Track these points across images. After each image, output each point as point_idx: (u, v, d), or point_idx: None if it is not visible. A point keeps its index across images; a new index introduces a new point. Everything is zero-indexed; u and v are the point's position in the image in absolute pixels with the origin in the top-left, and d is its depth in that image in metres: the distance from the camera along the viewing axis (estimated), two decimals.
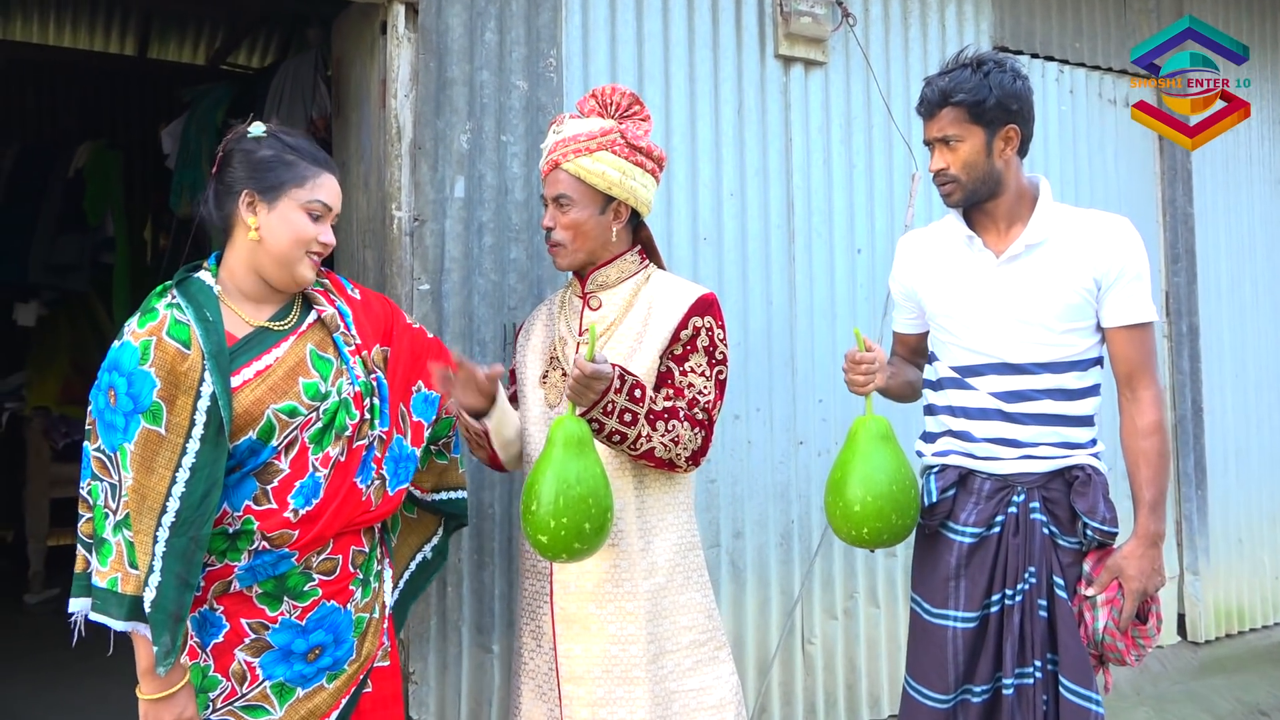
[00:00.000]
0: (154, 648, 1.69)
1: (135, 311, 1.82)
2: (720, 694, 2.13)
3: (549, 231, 2.15)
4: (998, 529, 2.16)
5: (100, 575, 1.73)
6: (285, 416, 1.79)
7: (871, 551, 2.70)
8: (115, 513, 1.73)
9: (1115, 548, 2.11)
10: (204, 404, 1.73)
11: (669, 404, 2.05)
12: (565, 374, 2.14)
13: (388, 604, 1.99)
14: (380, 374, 1.99)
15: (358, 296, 2.05)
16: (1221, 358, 4.42)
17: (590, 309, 2.19)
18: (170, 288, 1.82)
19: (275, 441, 1.79)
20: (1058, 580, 2.11)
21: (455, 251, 2.63)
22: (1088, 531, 2.11)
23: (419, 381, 2.10)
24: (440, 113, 2.62)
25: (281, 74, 3.72)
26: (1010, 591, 2.13)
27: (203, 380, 1.73)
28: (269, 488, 1.80)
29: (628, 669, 2.05)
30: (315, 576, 1.84)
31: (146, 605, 1.69)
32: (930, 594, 2.23)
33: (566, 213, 2.11)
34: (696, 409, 2.08)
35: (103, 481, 1.75)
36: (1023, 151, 2.15)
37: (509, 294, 2.70)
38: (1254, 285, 4.58)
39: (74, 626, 1.79)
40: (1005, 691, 2.12)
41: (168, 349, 1.73)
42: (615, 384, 1.94)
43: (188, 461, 1.72)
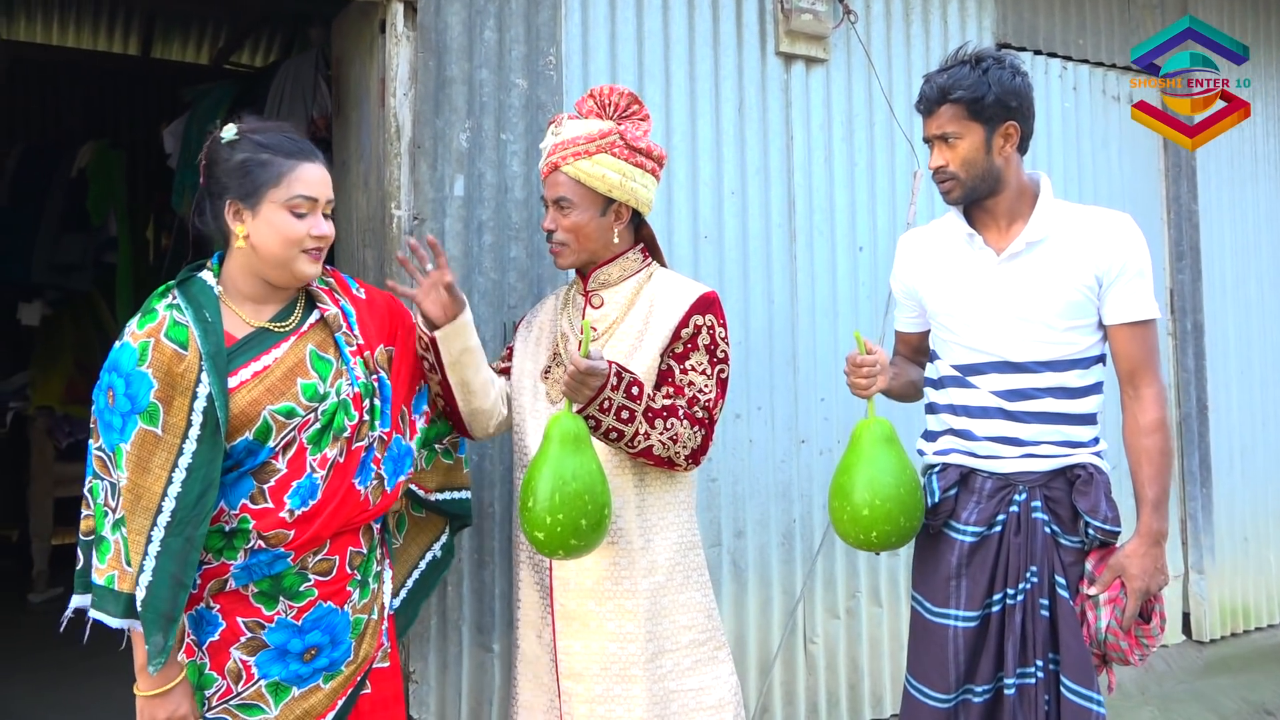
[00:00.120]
0: (146, 645, 1.71)
1: (137, 311, 1.83)
2: (719, 694, 2.12)
3: (550, 234, 2.15)
4: (999, 528, 2.15)
5: (99, 573, 1.75)
6: (282, 417, 1.79)
7: (877, 554, 2.69)
8: (114, 511, 1.74)
9: (1118, 546, 2.10)
10: (200, 405, 1.73)
11: (668, 402, 2.04)
12: None
13: (386, 605, 1.99)
14: (384, 374, 1.98)
15: (363, 296, 2.05)
16: (1226, 355, 4.40)
17: (592, 307, 2.19)
18: (172, 288, 1.83)
19: (272, 442, 1.79)
20: (1059, 580, 2.10)
21: (455, 250, 2.63)
22: (1090, 531, 2.10)
23: (423, 382, 2.09)
24: (439, 111, 2.62)
25: (282, 73, 3.72)
26: (1012, 591, 2.12)
27: (199, 381, 1.74)
28: (266, 487, 1.80)
29: (625, 667, 2.05)
30: (311, 577, 1.84)
31: (138, 604, 1.71)
32: (931, 593, 2.22)
33: (567, 215, 2.11)
34: (696, 407, 2.07)
35: (103, 480, 1.76)
36: (1023, 148, 2.14)
37: (509, 292, 2.69)
38: (1259, 282, 4.56)
39: (84, 625, 1.81)
40: (1007, 691, 2.11)
41: (165, 350, 1.74)
42: (612, 381, 1.94)
43: (184, 462, 1.72)
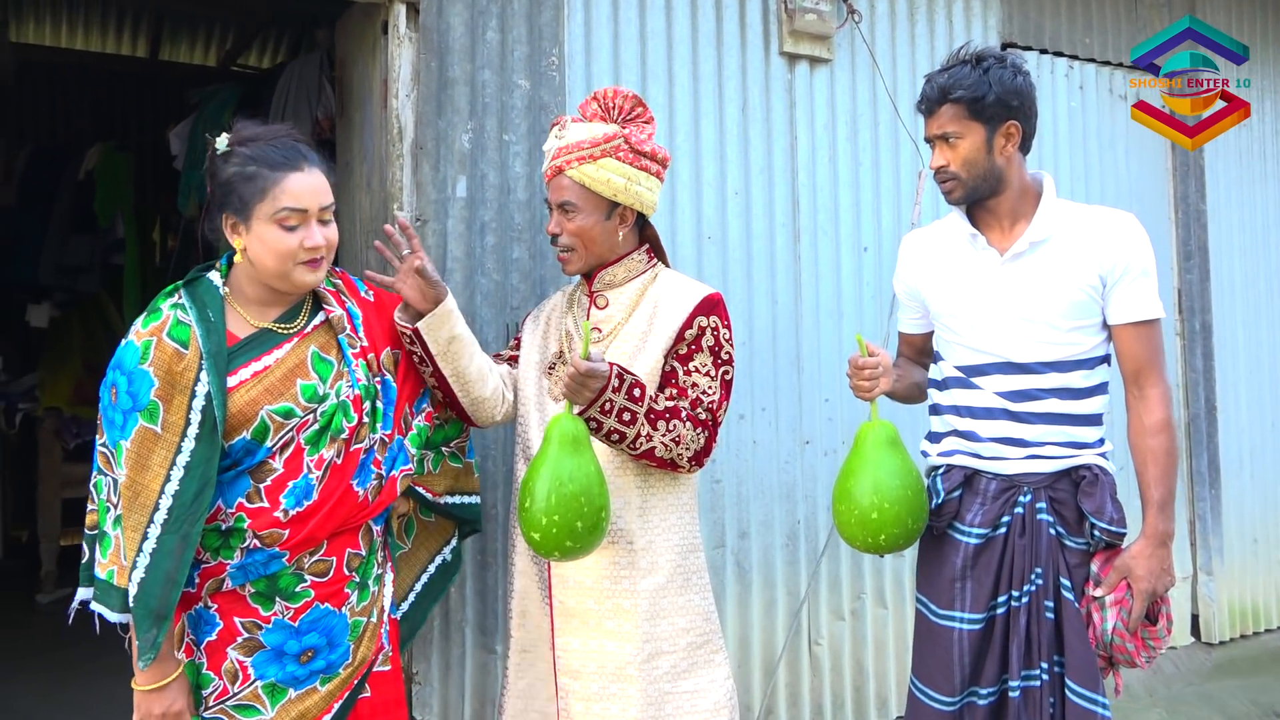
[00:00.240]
0: (136, 641, 1.74)
1: (144, 311, 1.85)
2: (715, 697, 2.12)
3: (555, 238, 2.15)
4: (1004, 530, 2.14)
5: (101, 567, 1.78)
6: (280, 418, 1.81)
7: (881, 556, 2.69)
8: (115, 507, 1.77)
9: (1123, 548, 2.09)
10: (199, 403, 1.75)
11: (671, 404, 2.04)
12: None
13: (386, 608, 1.98)
14: (390, 377, 1.99)
15: (371, 298, 2.05)
16: (1235, 355, 4.37)
17: (597, 308, 2.19)
18: (179, 288, 1.84)
19: (270, 442, 1.81)
20: (1065, 582, 2.08)
21: (457, 251, 2.63)
22: (1095, 532, 2.09)
23: (425, 386, 2.09)
24: (442, 112, 2.62)
25: (287, 75, 3.73)
26: (1017, 593, 2.11)
27: (198, 380, 1.75)
28: (262, 487, 1.81)
29: (621, 666, 2.05)
30: (308, 578, 1.84)
31: (130, 599, 1.73)
32: (936, 595, 2.21)
33: (572, 219, 2.11)
34: (700, 409, 2.07)
35: (106, 476, 1.79)
36: (1025, 148, 2.12)
37: (511, 293, 2.69)
38: (1268, 282, 4.53)
39: (93, 621, 1.83)
40: (1011, 694, 2.10)
41: (166, 349, 1.75)
42: (613, 383, 1.94)
43: (182, 460, 1.74)
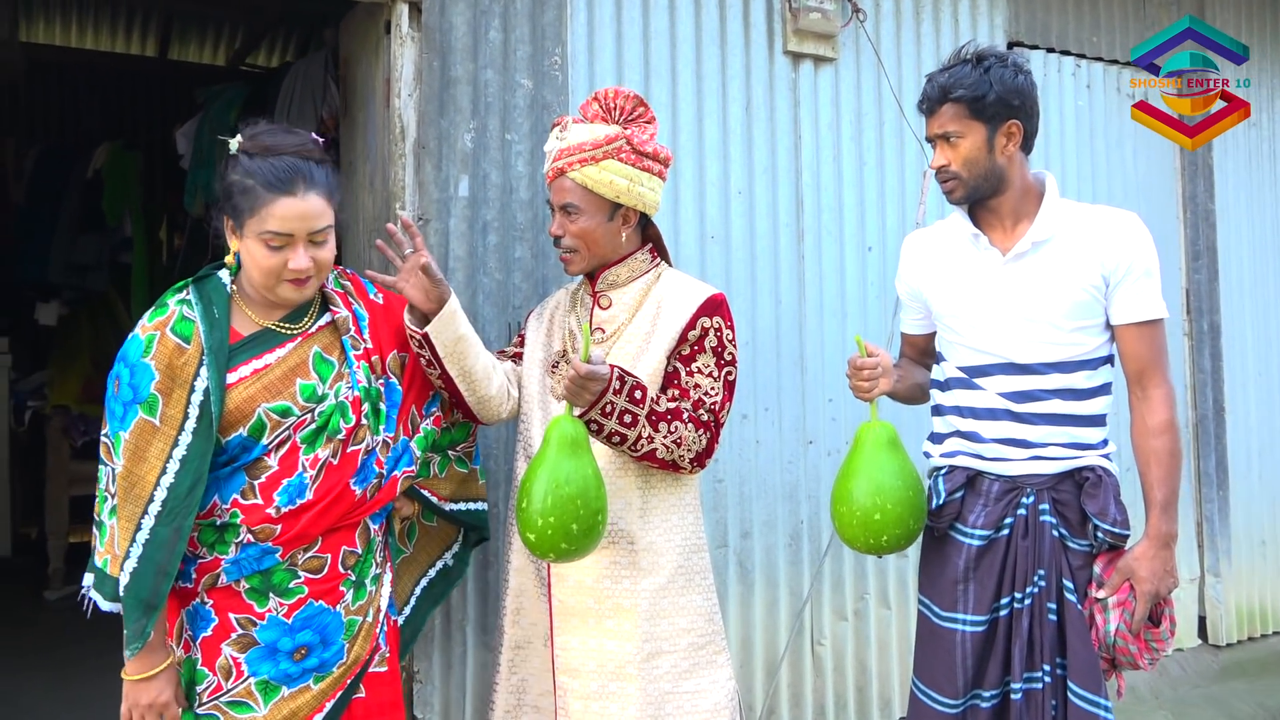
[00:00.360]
0: (125, 630, 1.76)
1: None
2: (715, 698, 2.11)
3: (558, 239, 2.14)
4: (1006, 531, 2.13)
5: (98, 555, 1.81)
6: (277, 416, 1.82)
7: (879, 557, 2.68)
8: (112, 497, 1.79)
9: (1127, 549, 2.08)
10: (197, 398, 1.77)
11: (673, 405, 2.04)
12: None
13: (383, 608, 1.98)
14: (395, 380, 2.00)
15: (380, 301, 2.06)
16: (1244, 356, 4.35)
17: (600, 308, 2.19)
18: (188, 284, 1.87)
19: (266, 439, 1.82)
20: (1067, 584, 2.07)
21: (460, 250, 2.63)
22: (1098, 534, 2.08)
23: (433, 390, 2.10)
24: (444, 112, 2.62)
25: (293, 74, 3.74)
26: (1019, 595, 2.10)
27: (198, 375, 1.78)
28: (257, 483, 1.83)
29: (621, 665, 2.05)
30: (301, 574, 1.85)
31: (120, 589, 1.75)
32: (939, 597, 2.20)
33: (575, 221, 2.10)
34: (702, 410, 2.06)
35: (107, 466, 1.81)
36: (1027, 148, 2.12)
37: (513, 293, 2.69)
38: (1278, 282, 4.50)
39: (96, 618, 1.86)
40: (1013, 696, 2.10)
41: (168, 343, 1.78)
42: (614, 385, 1.94)
43: (178, 453, 1.76)
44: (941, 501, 2.18)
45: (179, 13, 5.96)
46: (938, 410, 2.27)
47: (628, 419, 1.96)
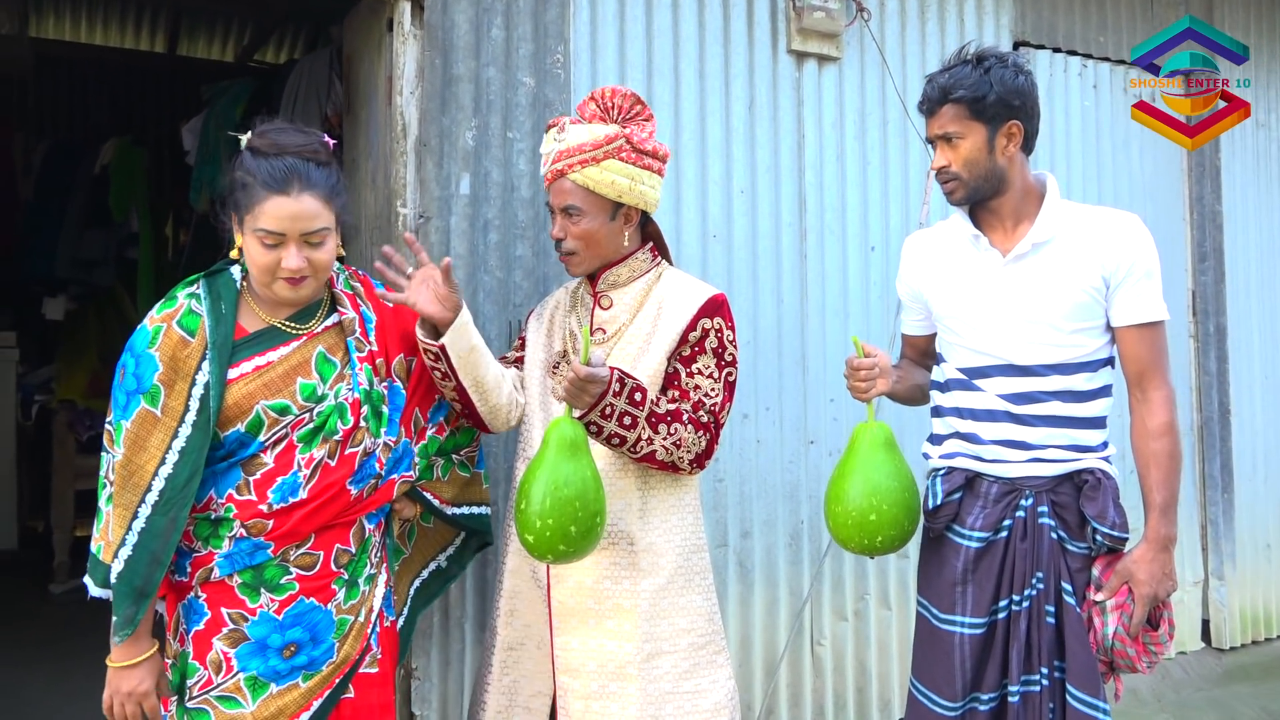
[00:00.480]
0: (114, 617, 1.78)
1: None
2: (715, 698, 2.11)
3: (559, 242, 2.13)
4: (1005, 533, 2.12)
5: (94, 541, 1.83)
6: (275, 413, 1.83)
7: (872, 558, 2.68)
8: (111, 484, 1.81)
9: (1126, 552, 2.07)
10: (199, 391, 1.80)
11: (673, 406, 2.03)
12: None
13: (375, 609, 1.98)
14: (400, 384, 2.01)
15: (390, 304, 2.06)
16: (1250, 359, 4.33)
17: (601, 308, 2.18)
18: (200, 278, 1.89)
19: (263, 436, 1.83)
20: (1066, 586, 2.07)
21: (460, 248, 2.63)
22: (1097, 537, 2.07)
23: (439, 395, 2.11)
24: (446, 109, 2.62)
25: (298, 71, 3.74)
26: (1017, 597, 2.10)
27: (199, 368, 1.80)
28: (252, 480, 1.84)
29: (621, 665, 2.05)
30: (293, 570, 1.86)
31: (112, 576, 1.78)
32: (937, 599, 2.19)
33: (577, 223, 2.10)
34: (702, 411, 2.06)
35: (109, 454, 1.83)
36: (1028, 148, 2.11)
37: (514, 291, 2.69)
38: None
39: (100, 612, 1.88)
40: (1011, 699, 2.09)
41: (173, 336, 1.81)
42: (614, 387, 1.93)
43: (178, 444, 1.78)
44: (939, 502, 2.17)
45: (188, 8, 5.97)
46: (937, 411, 2.27)
47: (627, 421, 1.96)
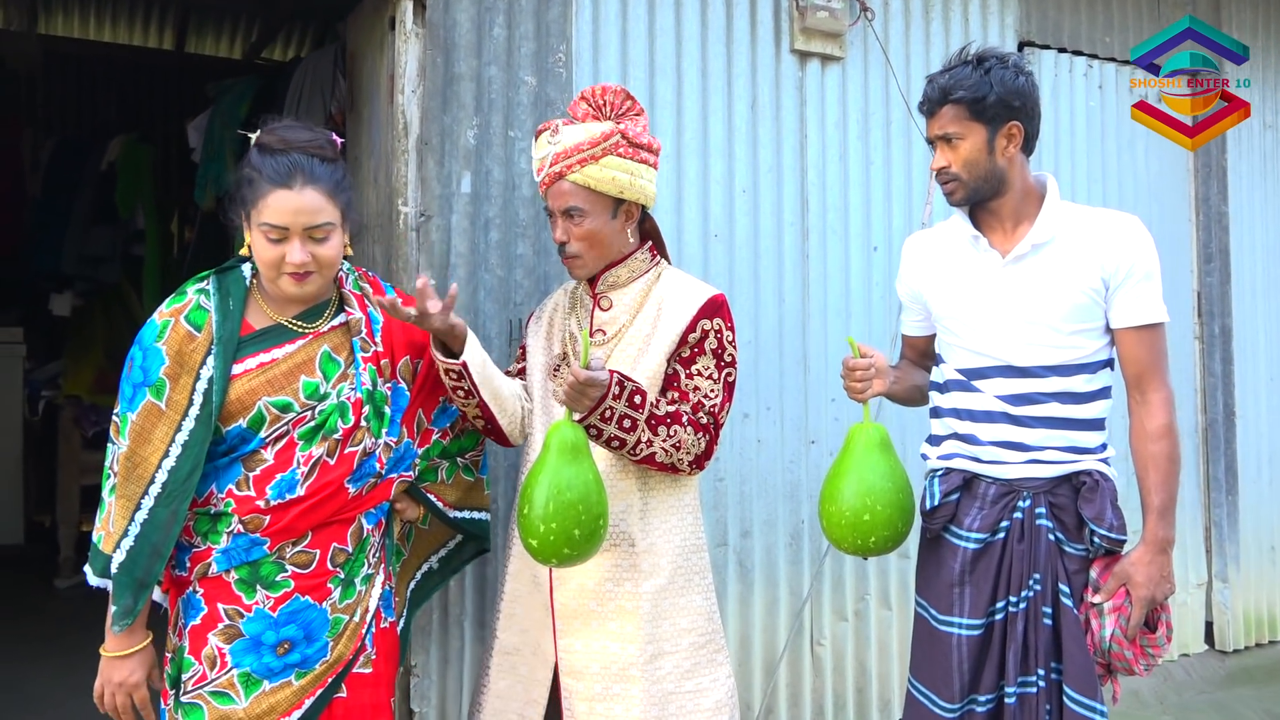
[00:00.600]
0: (112, 606, 1.80)
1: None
2: (716, 696, 2.12)
3: (563, 246, 2.12)
4: (1002, 535, 2.12)
5: (95, 530, 1.85)
6: (277, 410, 1.85)
7: (865, 559, 2.67)
8: (114, 475, 1.83)
9: (1123, 554, 2.07)
10: (202, 386, 1.82)
11: (672, 408, 2.03)
12: None
13: (372, 609, 1.98)
14: (405, 385, 2.02)
15: (398, 300, 2.06)
16: (1256, 360, 4.31)
17: (601, 309, 2.18)
18: (210, 275, 1.92)
19: (264, 433, 1.85)
20: (1063, 588, 2.06)
21: (461, 247, 2.63)
22: (1095, 539, 2.06)
23: (442, 398, 2.12)
24: (447, 108, 2.62)
25: (302, 68, 3.74)
26: (1014, 599, 2.10)
27: (204, 363, 1.82)
28: (251, 475, 1.85)
29: (624, 667, 2.06)
30: (289, 567, 1.87)
31: (113, 566, 1.80)
32: (936, 600, 2.19)
33: (580, 224, 2.09)
34: (701, 413, 2.06)
35: (114, 445, 1.85)
36: (1028, 149, 2.10)
37: (515, 289, 2.69)
38: None
39: (105, 606, 1.88)
40: (1007, 700, 2.09)
41: (180, 330, 1.83)
42: (613, 390, 1.94)
43: (181, 438, 1.80)
44: (936, 503, 2.17)
45: (196, 6, 5.98)
46: (936, 412, 2.27)
47: (627, 424, 1.96)
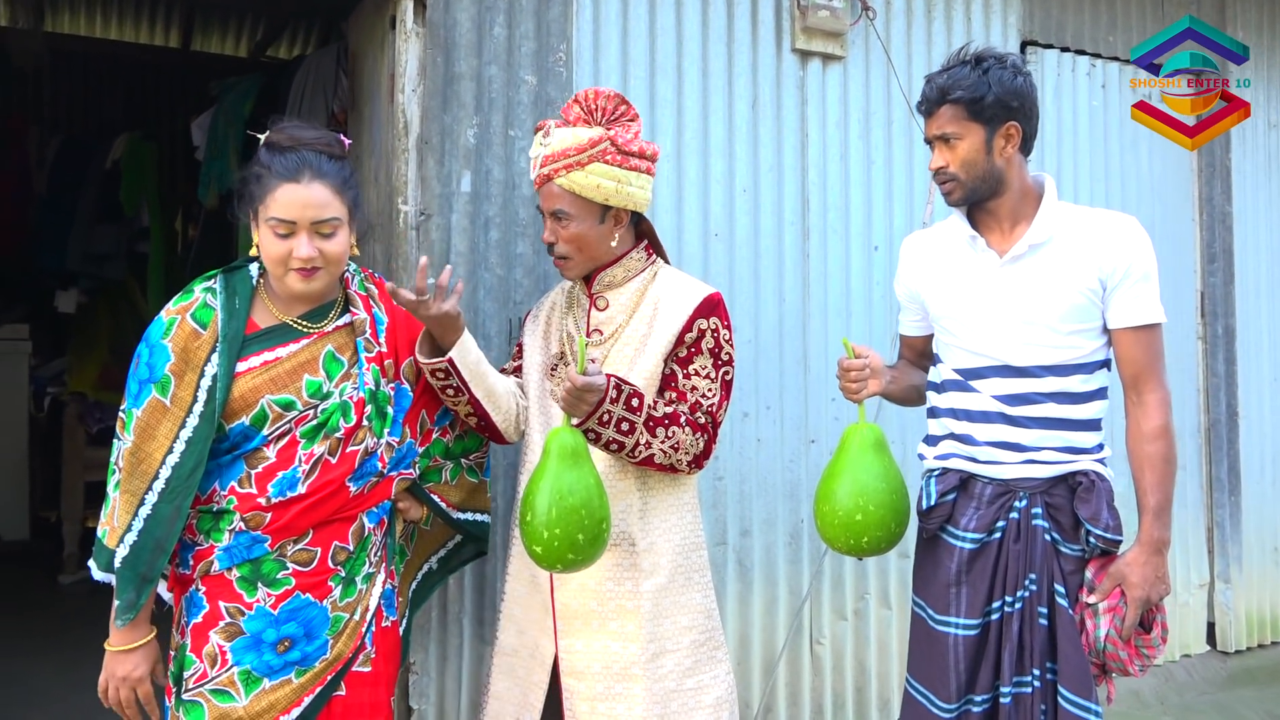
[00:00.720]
0: (116, 601, 1.82)
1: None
2: (717, 693, 2.13)
3: (551, 245, 2.14)
4: (999, 535, 2.12)
5: (100, 525, 1.87)
6: (280, 408, 1.86)
7: (859, 559, 2.67)
8: (119, 471, 1.85)
9: (1119, 555, 2.07)
10: (206, 383, 1.84)
11: (670, 409, 2.04)
12: None
13: (373, 608, 1.98)
14: (408, 386, 2.03)
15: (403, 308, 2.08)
16: (1259, 361, 4.29)
17: (597, 309, 2.18)
18: (218, 274, 1.93)
19: (266, 431, 1.86)
20: (1059, 588, 2.07)
21: (461, 246, 2.64)
22: (1090, 539, 2.06)
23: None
24: (447, 107, 2.63)
25: (305, 67, 3.75)
26: (1010, 599, 2.10)
27: (209, 360, 1.84)
28: (253, 473, 1.87)
29: (626, 666, 2.06)
30: (289, 565, 1.88)
31: (117, 561, 1.81)
32: (933, 600, 2.20)
33: (566, 227, 2.10)
34: (699, 413, 2.07)
35: (119, 440, 1.87)
36: (1026, 149, 2.10)
37: (515, 288, 2.70)
38: None
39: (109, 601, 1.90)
40: (1003, 700, 2.09)
41: (186, 328, 1.85)
42: (611, 394, 1.94)
43: (185, 434, 1.82)
44: (933, 503, 2.17)
45: (201, 4, 5.99)
46: (933, 412, 2.27)
47: (625, 427, 1.97)
